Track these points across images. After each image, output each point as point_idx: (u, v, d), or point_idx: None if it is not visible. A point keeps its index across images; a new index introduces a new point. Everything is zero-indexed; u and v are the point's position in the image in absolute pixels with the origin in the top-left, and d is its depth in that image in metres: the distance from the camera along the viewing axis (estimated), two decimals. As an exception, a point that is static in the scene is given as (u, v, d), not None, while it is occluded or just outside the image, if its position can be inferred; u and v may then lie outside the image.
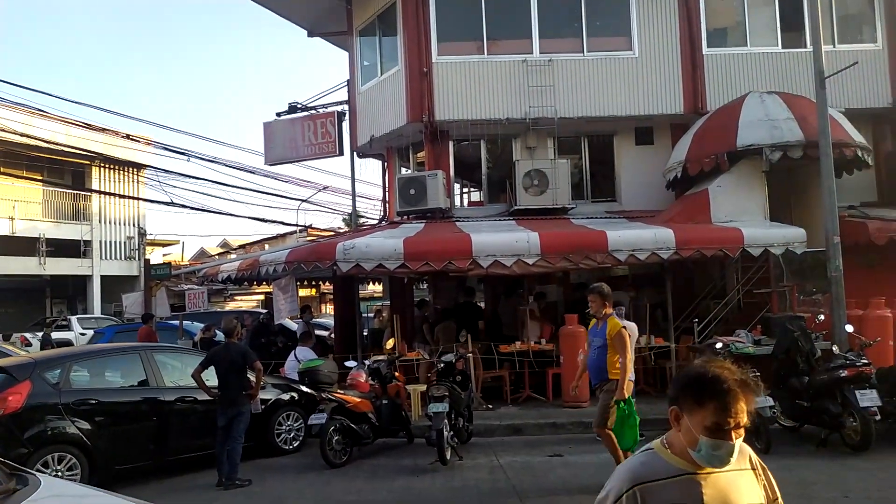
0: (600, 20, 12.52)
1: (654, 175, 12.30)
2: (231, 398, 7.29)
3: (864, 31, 12.97)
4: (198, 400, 7.76)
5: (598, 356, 6.37)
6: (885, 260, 11.41)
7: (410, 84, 12.13)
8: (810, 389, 7.78)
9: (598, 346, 6.36)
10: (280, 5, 14.47)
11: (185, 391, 7.82)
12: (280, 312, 11.34)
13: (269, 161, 15.14)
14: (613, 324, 6.25)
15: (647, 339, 10.62)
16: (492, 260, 9.93)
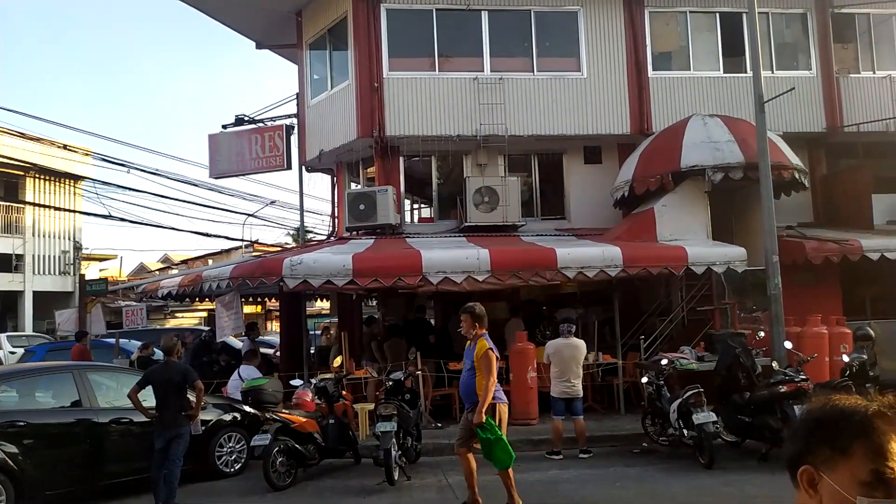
0: (550, 41, 12.72)
1: (602, 193, 12.51)
2: (170, 419, 6.95)
3: (800, 59, 13.57)
4: (134, 421, 7.41)
5: (467, 378, 6.24)
6: (821, 278, 11.87)
7: (361, 99, 12.05)
8: (751, 405, 7.96)
9: (469, 368, 6.22)
10: (228, 17, 14.21)
11: (121, 412, 7.46)
12: (223, 330, 11.00)
13: (214, 174, 14.76)
14: (481, 345, 6.11)
15: (595, 355, 10.73)
16: (442, 276, 9.87)
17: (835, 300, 11.94)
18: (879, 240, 11.46)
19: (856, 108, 13.33)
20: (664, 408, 8.42)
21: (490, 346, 6.11)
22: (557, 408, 8.56)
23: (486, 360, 6.03)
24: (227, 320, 10.83)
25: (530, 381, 10.04)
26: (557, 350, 8.62)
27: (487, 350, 6.06)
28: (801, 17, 13.53)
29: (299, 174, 14.43)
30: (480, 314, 6.24)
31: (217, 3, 13.37)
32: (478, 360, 6.09)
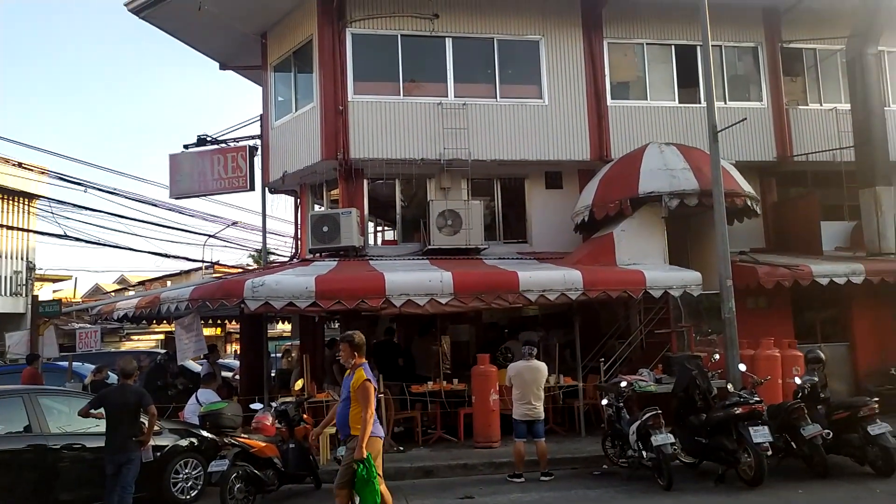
0: (512, 68, 12.99)
1: (563, 218, 12.73)
2: (120, 444, 6.80)
3: (752, 91, 14.10)
4: (86, 447, 7.23)
5: (343, 408, 6.07)
6: (773, 302, 12.24)
7: (325, 121, 12.09)
8: (708, 426, 8.13)
9: (345, 398, 6.06)
10: (192, 37, 14.14)
11: (73, 438, 7.27)
12: (185, 352, 10.80)
13: (175, 194, 14.57)
14: (359, 375, 5.94)
15: (557, 378, 10.83)
16: (405, 299, 9.90)
17: (787, 324, 12.30)
18: (828, 265, 11.87)
19: (805, 139, 13.88)
20: (624, 430, 8.54)
21: (368, 377, 5.93)
22: (519, 430, 8.60)
23: (363, 391, 5.87)
24: (188, 342, 10.65)
25: (492, 403, 10.08)
26: (519, 373, 8.69)
27: (365, 381, 5.89)
28: (752, 51, 14.09)
29: (262, 195, 14.35)
30: (359, 343, 6.13)
31: (180, 23, 13.30)
32: (354, 390, 5.92)
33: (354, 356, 6.09)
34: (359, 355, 6.11)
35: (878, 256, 12.47)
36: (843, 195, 13.65)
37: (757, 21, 13.96)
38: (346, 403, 6.01)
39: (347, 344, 6.10)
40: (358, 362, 6.07)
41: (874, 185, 12.71)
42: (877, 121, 12.98)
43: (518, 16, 12.91)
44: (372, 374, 6.07)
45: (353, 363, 6.08)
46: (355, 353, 6.08)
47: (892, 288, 12.04)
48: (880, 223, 12.59)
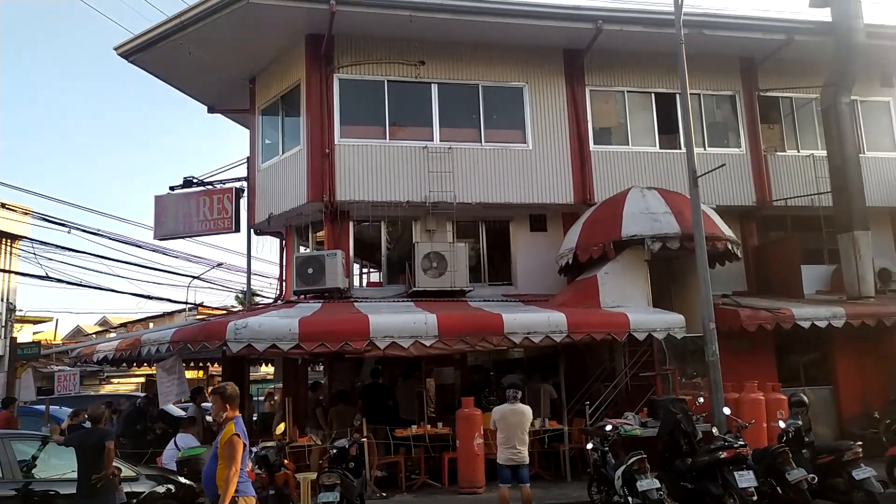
0: (497, 114, 13.24)
1: (547, 260, 12.82)
2: (90, 488, 6.68)
3: (730, 137, 14.43)
4: (60, 494, 7.05)
5: (209, 465, 5.64)
6: (756, 345, 12.30)
7: (312, 164, 12.20)
8: (693, 471, 8.08)
9: (213, 454, 5.65)
10: (181, 81, 14.32)
11: (48, 484, 7.11)
12: (166, 395, 10.65)
13: (159, 235, 14.52)
14: (227, 429, 5.53)
15: (542, 421, 10.75)
16: (389, 341, 9.86)
17: (770, 367, 12.35)
18: (810, 308, 11.99)
19: (783, 184, 14.17)
20: (609, 474, 8.45)
21: (237, 432, 5.49)
22: (504, 475, 8.48)
23: (229, 447, 5.45)
24: (170, 385, 10.52)
25: (477, 447, 9.96)
26: (503, 416, 8.60)
27: (233, 436, 5.46)
28: (730, 99, 14.47)
29: (248, 237, 14.36)
30: (232, 395, 5.71)
31: (169, 67, 13.48)
32: (221, 446, 5.51)
33: (226, 409, 5.66)
34: (231, 408, 5.68)
35: (858, 300, 12.62)
36: (823, 239, 13.88)
37: (734, 70, 14.38)
38: (214, 460, 5.58)
39: (219, 396, 5.70)
40: (230, 415, 5.64)
41: (852, 229, 12.94)
42: (852, 167, 13.29)
43: (502, 63, 13.22)
44: (244, 428, 5.62)
45: (225, 416, 5.64)
46: (227, 405, 5.66)
47: (872, 331, 12.16)
48: (859, 267, 12.78)
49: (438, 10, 12.10)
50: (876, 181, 14.42)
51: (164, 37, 12.43)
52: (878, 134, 15.10)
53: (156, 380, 11.50)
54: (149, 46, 12.72)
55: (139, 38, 12.73)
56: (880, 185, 14.54)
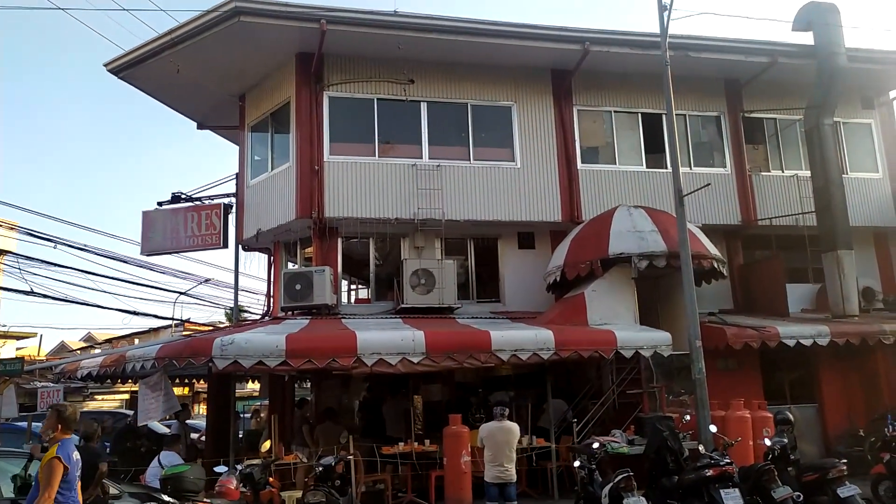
0: (485, 132, 13.35)
1: (535, 278, 12.87)
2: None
3: (716, 157, 14.62)
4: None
5: (34, 488, 5.30)
6: (742, 363, 12.37)
7: (301, 180, 12.23)
8: (680, 489, 8.08)
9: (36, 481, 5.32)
10: (170, 98, 14.36)
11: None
12: (147, 413, 10.50)
13: (146, 251, 14.45)
14: (49, 452, 5.23)
15: (529, 439, 10.73)
16: (377, 358, 9.82)
17: (756, 385, 12.42)
18: (795, 327, 12.09)
19: (768, 204, 14.35)
20: (596, 492, 8.41)
21: (58, 455, 5.17)
22: (491, 493, 8.45)
23: (47, 470, 5.13)
24: (154, 402, 10.39)
25: (464, 465, 9.90)
26: (491, 434, 8.60)
27: (53, 459, 5.16)
28: (715, 120, 14.68)
29: (235, 253, 14.32)
30: (69, 417, 5.44)
31: (158, 84, 13.51)
32: (41, 469, 5.19)
33: (58, 429, 5.38)
34: (63, 430, 5.40)
35: (842, 319, 12.74)
36: (807, 258, 14.04)
37: (719, 91, 14.61)
38: (37, 484, 5.25)
39: (55, 413, 5.44)
40: (58, 437, 5.36)
41: (836, 248, 13.11)
42: (836, 188, 13.49)
43: (491, 82, 13.36)
44: (70, 453, 5.31)
45: (53, 436, 5.37)
46: (59, 425, 5.39)
47: (857, 350, 12.27)
48: (843, 286, 12.92)
49: (428, 30, 12.25)
50: (859, 201, 14.64)
51: (154, 53, 12.48)
52: (860, 155, 15.36)
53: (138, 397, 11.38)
54: (138, 63, 12.76)
55: (129, 55, 12.76)
56: (863, 205, 14.77)
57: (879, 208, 14.98)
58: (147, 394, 10.52)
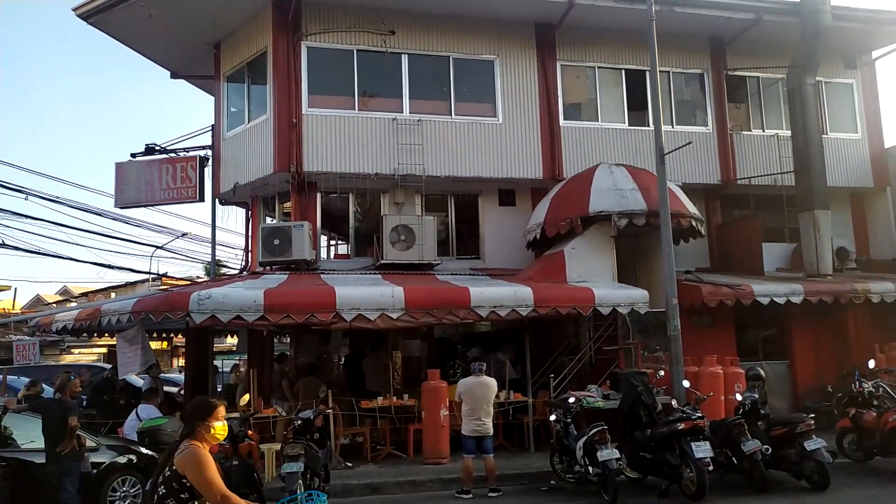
0: (467, 87, 13.12)
1: (515, 235, 12.86)
2: (56, 456, 6.87)
3: (697, 116, 14.57)
4: (23, 461, 7.08)
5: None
6: (716, 321, 12.58)
7: (279, 134, 11.99)
8: (652, 442, 8.27)
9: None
10: (142, 45, 13.86)
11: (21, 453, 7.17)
12: (127, 366, 10.50)
13: (120, 203, 14.16)
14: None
15: (507, 394, 10.88)
16: (356, 313, 9.82)
17: (729, 342, 12.65)
18: (769, 285, 12.27)
19: (748, 163, 14.37)
20: (571, 445, 8.61)
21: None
22: (468, 446, 8.60)
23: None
24: (132, 356, 10.39)
25: (442, 419, 10.05)
26: (469, 388, 8.70)
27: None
28: (698, 77, 14.57)
29: (212, 207, 14.09)
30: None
31: (130, 30, 13.01)
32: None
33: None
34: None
35: (816, 278, 12.95)
36: (784, 218, 14.17)
37: (703, 49, 14.46)
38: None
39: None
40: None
41: (813, 209, 13.23)
42: (815, 148, 13.54)
43: (474, 35, 13.08)
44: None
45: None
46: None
47: (829, 309, 12.51)
48: (818, 246, 13.09)
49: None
50: (837, 162, 14.74)
51: (124, -2, 11.99)
52: (841, 115, 15.39)
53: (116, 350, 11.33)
54: (109, 8, 12.27)
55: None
56: (841, 166, 14.87)
57: (857, 169, 15.11)
58: (125, 347, 10.50)
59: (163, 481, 3.58)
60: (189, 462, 3.56)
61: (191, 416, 3.78)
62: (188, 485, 3.53)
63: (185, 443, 3.67)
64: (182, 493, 3.54)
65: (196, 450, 3.63)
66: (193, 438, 3.71)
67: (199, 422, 3.74)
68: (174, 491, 3.54)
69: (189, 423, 3.75)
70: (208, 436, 3.75)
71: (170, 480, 3.56)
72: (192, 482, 3.54)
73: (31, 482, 7.20)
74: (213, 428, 3.76)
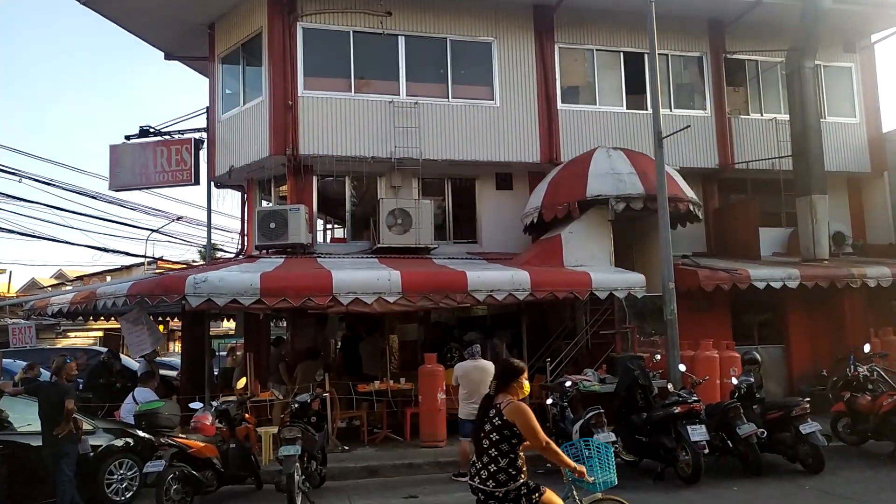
0: (465, 69, 13.02)
1: (512, 219, 12.83)
2: (53, 439, 6.85)
3: (696, 100, 14.49)
4: (20, 444, 7.12)
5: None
6: (712, 305, 12.58)
7: (274, 116, 11.89)
8: (648, 425, 8.30)
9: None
10: (136, 26, 13.69)
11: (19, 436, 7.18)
12: (139, 345, 10.78)
13: (115, 186, 14.06)
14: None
15: (503, 378, 10.87)
16: (352, 297, 9.80)
17: (725, 326, 12.67)
18: (766, 270, 12.27)
19: (745, 147, 14.34)
20: (567, 428, 8.64)
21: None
22: (465, 429, 8.59)
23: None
24: (140, 335, 10.52)
25: (439, 402, 10.07)
26: (466, 372, 8.69)
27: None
28: (697, 61, 14.48)
29: (207, 190, 14.01)
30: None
31: (124, 11, 12.87)
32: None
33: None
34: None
35: (812, 262, 12.96)
36: (781, 203, 14.15)
37: (702, 32, 14.36)
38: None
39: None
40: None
41: (810, 193, 13.21)
42: (813, 132, 13.49)
43: (471, 17, 12.96)
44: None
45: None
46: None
47: (825, 293, 12.53)
48: (815, 230, 13.09)
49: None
50: (835, 146, 14.71)
51: (117, -23, 11.83)
52: (839, 99, 15.34)
53: (122, 333, 11.40)
54: (102, -13, 12.11)
55: (92, -22, 12.09)
56: (839, 150, 14.85)
57: (855, 154, 15.09)
58: (131, 329, 10.59)
59: (493, 429, 4.28)
60: (517, 413, 4.25)
61: (504, 376, 4.48)
62: (517, 431, 4.23)
63: (505, 398, 4.37)
64: (512, 439, 4.25)
65: (520, 404, 4.33)
66: (509, 394, 4.41)
67: (512, 381, 4.44)
68: (506, 437, 4.25)
69: (502, 382, 4.46)
70: (520, 391, 4.48)
71: (501, 429, 4.26)
72: (521, 429, 4.23)
73: (28, 465, 7.19)
74: (522, 385, 4.51)
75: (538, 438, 4.23)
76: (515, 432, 4.24)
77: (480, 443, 4.35)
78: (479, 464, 4.34)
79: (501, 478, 4.24)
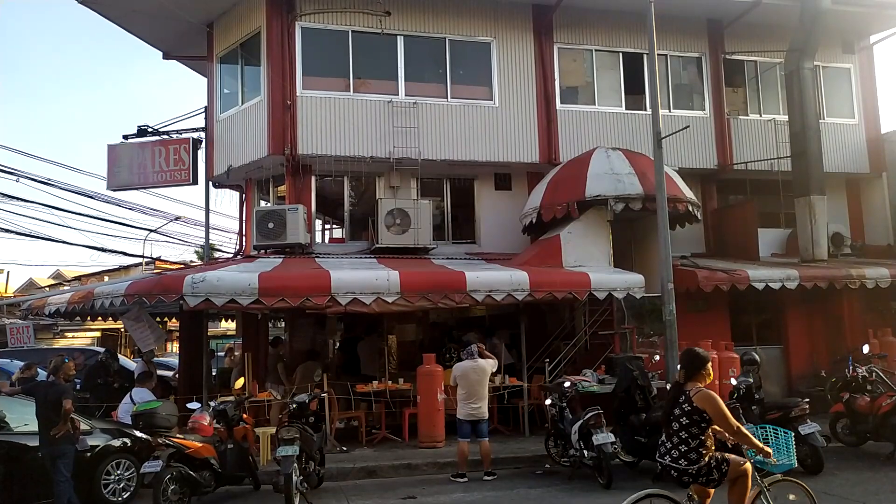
0: (464, 69, 13.01)
1: (511, 219, 12.81)
2: (50, 438, 6.84)
3: (695, 100, 14.48)
4: (17, 444, 7.09)
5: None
6: (711, 306, 12.58)
7: (273, 116, 11.87)
8: (647, 426, 8.29)
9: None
10: (135, 25, 13.65)
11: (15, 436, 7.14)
12: (145, 341, 10.91)
13: (113, 186, 14.01)
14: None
15: (502, 378, 10.88)
16: (351, 297, 9.78)
17: (724, 326, 12.67)
18: (764, 271, 12.26)
19: (744, 148, 14.33)
20: (566, 429, 8.62)
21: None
22: (463, 430, 8.60)
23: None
24: (144, 332, 10.57)
25: (439, 403, 10.05)
26: (464, 373, 8.68)
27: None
28: (696, 61, 14.47)
29: (206, 190, 13.97)
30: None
31: (122, 10, 12.83)
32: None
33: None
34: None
35: (811, 263, 12.95)
36: (780, 203, 14.15)
37: (701, 32, 14.35)
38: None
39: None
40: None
41: (809, 194, 13.20)
42: (812, 133, 13.49)
43: (470, 17, 12.94)
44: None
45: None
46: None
47: (823, 294, 12.53)
48: (814, 231, 13.09)
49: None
50: (834, 147, 14.71)
51: (116, -24, 11.79)
52: (838, 100, 15.34)
53: (128, 331, 11.47)
54: (100, -14, 12.07)
55: (90, -23, 12.06)
56: (838, 151, 14.84)
57: (853, 155, 15.09)
58: (133, 326, 10.65)
59: (682, 414, 4.71)
60: (707, 401, 4.65)
61: (691, 365, 4.87)
62: (707, 417, 4.64)
63: (694, 385, 4.78)
64: (702, 423, 4.66)
65: (710, 392, 4.72)
66: (697, 382, 4.81)
67: (701, 370, 4.83)
68: (695, 422, 4.66)
69: (691, 370, 4.84)
70: (707, 378, 4.84)
71: (691, 414, 4.68)
72: (711, 415, 4.63)
73: (25, 465, 7.17)
74: (710, 372, 4.87)
75: (729, 423, 4.64)
76: (705, 417, 4.65)
77: (670, 425, 4.80)
78: (668, 444, 4.80)
79: (693, 457, 4.68)
